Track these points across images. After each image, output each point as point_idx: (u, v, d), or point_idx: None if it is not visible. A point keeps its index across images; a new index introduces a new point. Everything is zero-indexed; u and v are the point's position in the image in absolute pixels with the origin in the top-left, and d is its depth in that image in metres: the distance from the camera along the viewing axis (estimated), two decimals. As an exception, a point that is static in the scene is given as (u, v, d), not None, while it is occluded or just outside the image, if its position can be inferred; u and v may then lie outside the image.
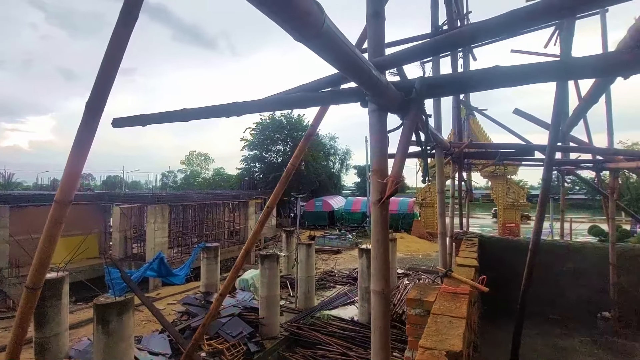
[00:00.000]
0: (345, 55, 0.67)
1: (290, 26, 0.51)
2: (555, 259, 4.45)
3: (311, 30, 0.53)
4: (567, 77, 0.97)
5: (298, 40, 0.56)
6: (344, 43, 0.64)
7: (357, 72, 0.76)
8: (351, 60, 0.70)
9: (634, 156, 3.04)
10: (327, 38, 0.58)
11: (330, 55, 0.66)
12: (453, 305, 1.98)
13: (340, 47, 0.64)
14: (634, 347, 3.53)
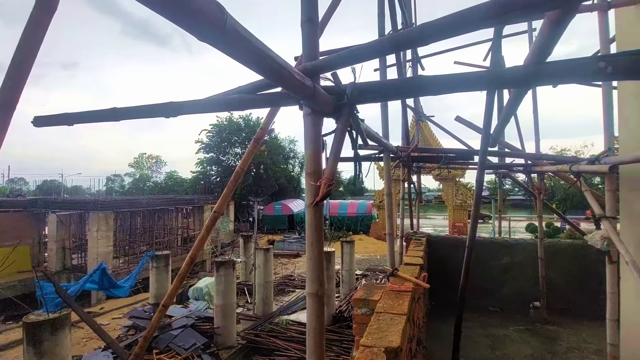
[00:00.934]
0: (259, 57, 0.67)
1: (188, 26, 0.50)
2: (494, 255, 4.82)
3: (213, 31, 0.52)
4: (487, 87, 1.06)
5: (202, 40, 0.54)
6: (255, 45, 0.64)
7: (276, 75, 0.77)
8: (266, 62, 0.70)
9: (555, 160, 3.40)
10: (233, 39, 0.57)
11: (241, 57, 0.65)
12: (396, 303, 2.05)
13: (250, 49, 0.64)
14: (558, 332, 3.92)
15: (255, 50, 0.65)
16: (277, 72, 0.75)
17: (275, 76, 0.77)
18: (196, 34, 0.52)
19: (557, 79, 0.96)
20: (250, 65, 0.71)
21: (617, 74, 0.89)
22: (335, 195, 38.53)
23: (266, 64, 0.71)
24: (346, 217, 24.69)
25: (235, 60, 0.64)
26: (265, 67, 0.72)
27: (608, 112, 2.56)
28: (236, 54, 0.63)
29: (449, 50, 5.26)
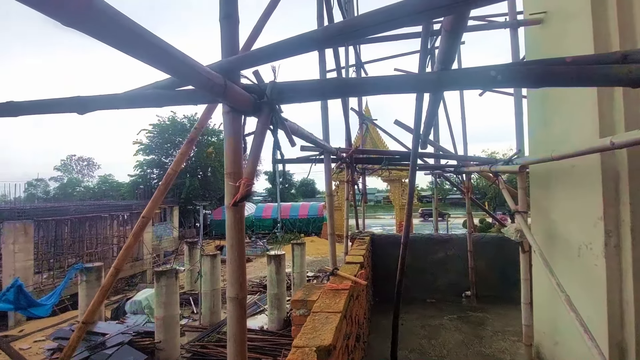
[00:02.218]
0: (148, 46, 0.63)
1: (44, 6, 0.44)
2: (431, 250, 5.15)
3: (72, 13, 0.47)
4: (405, 90, 1.12)
5: (68, 25, 0.49)
6: (137, 31, 0.59)
7: (176, 68, 0.72)
8: (162, 54, 0.66)
9: (479, 161, 3.73)
10: (103, 23, 0.52)
11: (123, 45, 0.60)
12: (333, 302, 2.08)
13: (130, 36, 0.59)
14: (485, 317, 4.29)
15: (138, 38, 0.60)
16: (174, 66, 0.71)
17: (174, 69, 0.73)
18: (58, 18, 0.46)
19: (459, 85, 1.05)
20: (141, 56, 0.66)
21: (505, 82, 0.99)
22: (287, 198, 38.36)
23: (160, 54, 0.66)
24: (297, 219, 24.69)
25: (116, 49, 0.58)
26: (160, 59, 0.67)
27: (518, 118, 2.88)
28: (115, 42, 0.57)
29: (392, 57, 5.54)
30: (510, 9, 2.93)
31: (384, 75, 1.07)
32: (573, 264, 2.52)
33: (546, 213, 2.92)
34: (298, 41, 1.06)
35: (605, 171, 2.16)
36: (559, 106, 2.67)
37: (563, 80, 1.00)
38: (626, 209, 2.07)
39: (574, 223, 2.51)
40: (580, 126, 2.36)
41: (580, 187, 2.41)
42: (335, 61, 3.10)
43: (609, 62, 1.03)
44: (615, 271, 2.14)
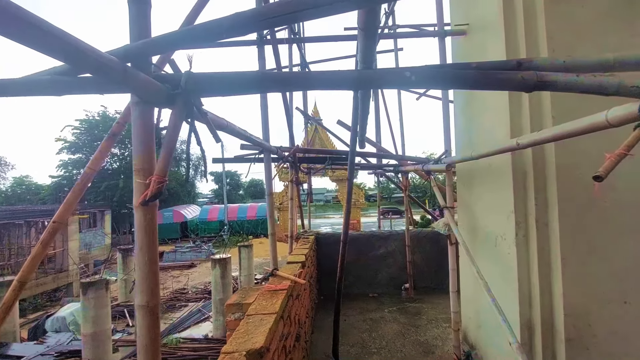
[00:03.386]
0: (20, 23, 0.54)
1: None
2: (373, 247, 5.34)
3: None
4: (331, 87, 1.12)
5: None
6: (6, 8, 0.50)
7: (63, 51, 0.63)
8: (40, 34, 0.57)
9: (414, 161, 3.96)
10: None
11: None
12: (269, 303, 2.03)
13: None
14: (422, 307, 4.56)
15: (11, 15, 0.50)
16: (60, 48, 0.62)
17: (63, 53, 0.63)
18: None
19: (378, 84, 1.08)
20: (13, 36, 0.56)
21: (418, 82, 1.05)
22: (235, 199, 37.19)
23: (39, 34, 0.57)
24: (246, 220, 24.06)
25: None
26: (41, 40, 0.58)
27: (446, 121, 3.10)
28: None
29: (341, 57, 5.64)
30: (439, 20, 3.16)
31: (306, 71, 1.06)
32: (492, 253, 2.79)
33: (470, 208, 3.19)
34: (214, 26, 0.99)
35: (515, 169, 2.42)
36: (479, 110, 2.94)
37: (468, 83, 1.08)
38: (532, 203, 2.34)
39: (492, 216, 2.77)
40: (496, 128, 2.62)
41: (496, 184, 2.67)
42: (275, 59, 3.06)
43: (507, 68, 1.14)
44: (524, 258, 2.41)
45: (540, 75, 1.09)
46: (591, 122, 1.29)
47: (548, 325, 2.31)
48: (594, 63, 1.14)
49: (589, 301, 2.20)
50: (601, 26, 2.24)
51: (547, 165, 2.29)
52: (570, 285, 2.20)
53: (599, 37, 2.23)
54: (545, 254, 2.31)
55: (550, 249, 2.29)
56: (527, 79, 1.07)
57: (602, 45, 2.20)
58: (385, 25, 5.26)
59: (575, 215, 2.18)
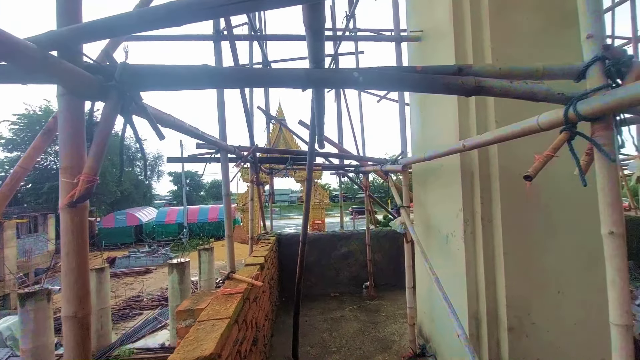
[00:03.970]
0: None
1: None
2: (335, 246, 5.39)
3: None
4: (281, 85, 1.10)
5: None
6: None
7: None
8: None
9: (374, 162, 4.05)
10: None
11: None
12: (223, 308, 1.97)
13: None
14: (381, 304, 4.67)
15: None
16: None
17: None
18: None
19: (327, 83, 1.09)
20: None
21: (366, 83, 1.06)
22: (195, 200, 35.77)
23: None
24: (207, 223, 23.24)
25: None
26: None
27: (402, 123, 3.21)
28: None
29: (300, 58, 5.61)
30: (395, 25, 3.26)
31: (255, 68, 1.03)
32: (443, 250, 2.93)
33: (424, 207, 3.33)
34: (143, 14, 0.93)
35: (463, 170, 2.57)
36: (432, 114, 3.07)
37: (413, 86, 1.12)
38: (478, 202, 2.49)
39: (444, 214, 2.92)
40: (447, 131, 2.76)
41: (447, 183, 2.81)
42: (232, 56, 2.97)
43: (449, 73, 1.19)
44: (471, 253, 2.56)
45: (478, 81, 1.15)
46: (525, 126, 1.39)
47: (493, 316, 2.47)
48: (526, 71, 1.23)
49: (528, 292, 2.38)
50: (538, 39, 2.44)
51: (491, 166, 2.45)
52: (512, 278, 2.37)
53: (535, 48, 2.42)
54: (490, 249, 2.47)
55: (494, 244, 2.45)
56: (467, 83, 1.13)
57: (538, 55, 2.40)
58: (346, 27, 5.35)
59: (515, 212, 2.36)
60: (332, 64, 6.34)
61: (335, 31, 5.93)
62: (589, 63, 1.17)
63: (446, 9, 2.72)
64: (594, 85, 1.15)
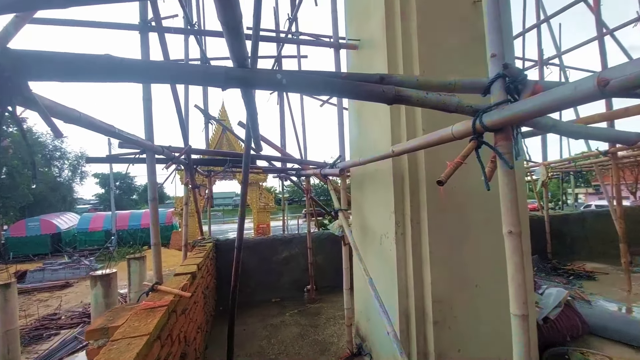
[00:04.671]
0: None
1: None
2: (276, 251, 5.31)
3: None
4: (196, 82, 1.03)
5: None
6: None
7: None
8: None
9: (315, 165, 4.09)
10: None
11: None
12: (143, 324, 1.79)
13: None
14: (322, 307, 4.71)
15: None
16: None
17: None
18: None
19: (248, 84, 1.04)
20: None
21: (290, 86, 1.05)
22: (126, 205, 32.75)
23: None
24: (139, 229, 21.38)
25: None
26: None
27: (340, 127, 3.28)
28: None
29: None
30: (334, 32, 3.33)
31: (171, 62, 0.95)
32: (378, 251, 3.05)
33: (361, 209, 3.43)
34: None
35: (395, 174, 2.70)
36: (369, 119, 3.19)
37: (337, 91, 1.13)
38: (408, 204, 2.64)
39: (378, 217, 3.04)
40: (381, 137, 2.88)
41: (381, 187, 2.93)
42: (162, 50, 2.75)
43: (371, 81, 1.23)
44: (402, 253, 2.69)
45: (398, 90, 1.20)
46: (442, 134, 1.50)
47: (420, 311, 2.63)
48: (440, 84, 1.32)
49: (450, 287, 2.58)
50: (460, 54, 2.67)
51: (419, 172, 2.61)
52: (436, 275, 2.54)
53: (458, 63, 2.65)
54: (418, 249, 2.62)
55: (421, 244, 2.61)
56: (387, 92, 1.18)
57: (460, 69, 2.62)
58: (288, 30, 5.34)
59: (439, 214, 2.54)
60: (275, 65, 6.29)
61: (279, 33, 5.89)
62: (492, 80, 1.30)
63: (380, 22, 2.85)
64: (497, 100, 1.28)
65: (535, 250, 6.87)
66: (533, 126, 1.43)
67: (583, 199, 29.57)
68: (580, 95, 0.91)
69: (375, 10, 2.95)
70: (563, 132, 1.56)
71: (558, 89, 0.97)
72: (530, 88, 1.26)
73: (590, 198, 28.69)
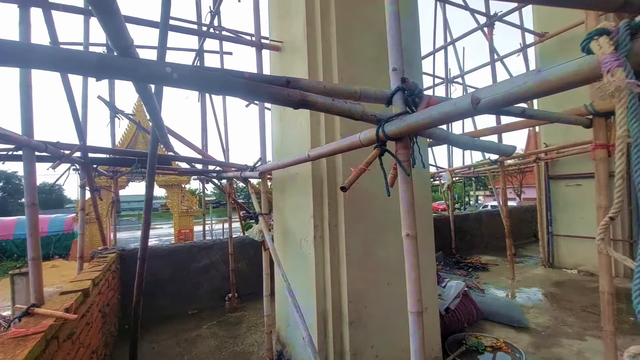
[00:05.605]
0: None
1: None
2: (194, 259, 4.95)
3: None
4: (64, 70, 0.86)
5: None
6: None
7: None
8: None
9: (235, 168, 3.91)
10: None
11: None
12: (9, 356, 1.47)
13: None
14: (243, 315, 4.53)
15: None
16: None
17: None
18: None
19: (126, 75, 0.92)
20: None
21: (182, 82, 0.95)
22: (12, 210, 27.41)
23: None
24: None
25: None
26: None
27: (262, 130, 3.20)
28: None
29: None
30: (256, 31, 3.24)
31: (28, 43, 0.78)
32: (298, 255, 3.04)
33: (282, 213, 3.39)
34: None
35: (314, 178, 2.73)
36: (291, 122, 3.17)
37: (239, 92, 1.07)
38: (326, 208, 2.69)
39: (298, 221, 3.03)
40: (302, 140, 2.89)
41: (301, 191, 2.93)
42: (47, 29, 2.30)
43: (278, 84, 1.19)
44: (320, 256, 2.72)
45: (304, 95, 1.19)
46: (351, 141, 1.54)
47: (337, 312, 2.68)
48: (346, 91, 1.35)
49: (365, 286, 2.69)
50: (375, 64, 2.81)
51: (337, 176, 2.68)
52: (352, 275, 2.63)
53: (374, 73, 2.79)
54: (335, 251, 2.68)
55: (338, 246, 2.68)
56: (293, 96, 1.15)
57: (375, 79, 2.76)
58: (210, 24, 5.06)
59: (355, 217, 2.64)
60: (197, 60, 5.91)
61: (201, 26, 5.55)
62: (393, 92, 1.37)
63: (301, 26, 2.86)
64: (398, 111, 1.36)
65: (442, 247, 7.68)
66: (430, 136, 1.56)
67: (482, 200, 34.27)
68: (460, 110, 1.01)
69: (297, 14, 2.96)
70: (454, 142, 1.74)
71: (443, 104, 1.06)
72: (425, 101, 1.36)
73: (487, 199, 33.41)
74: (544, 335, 3.62)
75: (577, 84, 0.68)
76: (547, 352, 3.25)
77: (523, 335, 3.62)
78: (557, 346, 3.36)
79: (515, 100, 0.88)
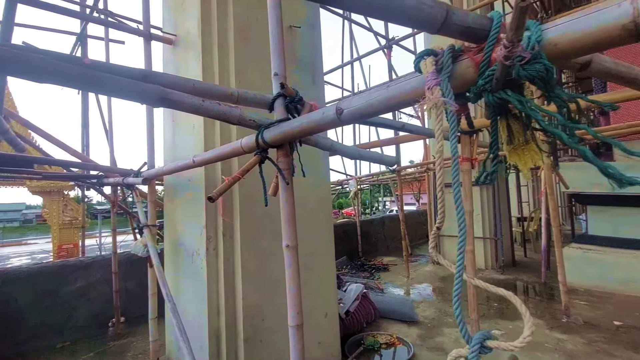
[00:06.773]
0: None
1: None
2: (65, 281, 4.15)
3: None
4: None
5: None
6: None
7: None
8: None
9: (119, 173, 3.40)
10: None
11: None
12: None
13: None
14: (130, 342, 3.94)
15: None
16: None
17: None
18: None
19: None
20: None
21: None
22: None
23: None
24: None
25: None
26: None
27: (150, 132, 2.85)
28: None
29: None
30: (145, 20, 2.89)
31: None
32: (190, 270, 2.76)
33: (174, 224, 3.06)
34: None
35: (207, 185, 2.52)
36: (184, 125, 2.89)
37: (72, 82, 0.87)
38: (220, 218, 2.51)
39: (190, 232, 2.76)
40: (195, 144, 2.65)
41: (193, 199, 2.68)
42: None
43: (133, 77, 1.02)
44: (213, 270, 2.52)
45: (166, 92, 1.04)
46: (234, 147, 1.43)
47: (232, 329, 2.51)
48: (223, 94, 1.25)
49: (261, 299, 2.57)
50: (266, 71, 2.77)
51: (233, 183, 2.53)
52: (248, 289, 2.49)
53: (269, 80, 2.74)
54: (230, 264, 2.51)
55: (234, 259, 2.51)
56: (150, 92, 1.00)
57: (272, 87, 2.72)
58: (94, 7, 4.39)
59: (251, 228, 2.52)
60: (78, 47, 5.06)
61: (85, 7, 4.76)
62: (275, 97, 1.32)
63: (195, 21, 2.65)
64: (279, 117, 1.31)
65: (350, 251, 8.08)
66: (315, 145, 1.55)
67: (389, 206, 37.62)
68: (327, 120, 1.00)
69: (192, 7, 2.74)
70: (340, 152, 1.78)
71: (313, 113, 1.04)
72: (307, 108, 1.35)
73: (393, 205, 36.80)
74: (430, 326, 4.05)
75: (414, 101, 0.71)
76: (432, 342, 3.63)
77: (413, 329, 3.98)
78: (440, 336, 3.77)
79: (373, 112, 0.90)
